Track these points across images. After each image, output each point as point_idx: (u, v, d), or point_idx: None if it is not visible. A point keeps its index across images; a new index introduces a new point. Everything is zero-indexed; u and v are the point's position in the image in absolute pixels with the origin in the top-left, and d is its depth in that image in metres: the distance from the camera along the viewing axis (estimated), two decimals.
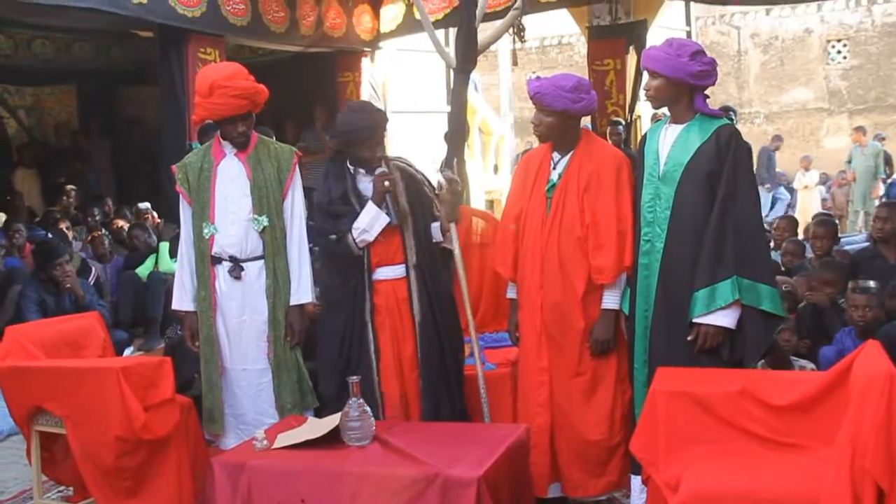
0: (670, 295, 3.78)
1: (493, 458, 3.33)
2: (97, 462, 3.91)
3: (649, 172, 3.89)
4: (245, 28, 8.40)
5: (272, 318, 4.42)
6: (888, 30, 18.95)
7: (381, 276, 4.21)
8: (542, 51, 21.12)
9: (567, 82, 4.01)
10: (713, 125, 3.76)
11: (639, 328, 3.92)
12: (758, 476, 2.94)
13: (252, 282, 4.42)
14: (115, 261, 7.92)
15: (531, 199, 4.14)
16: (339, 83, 10.60)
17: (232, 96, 4.25)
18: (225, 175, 4.43)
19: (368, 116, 4.18)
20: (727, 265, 3.64)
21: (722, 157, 3.69)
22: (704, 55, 3.75)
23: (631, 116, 9.44)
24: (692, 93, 3.78)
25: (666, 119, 3.93)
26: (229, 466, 3.53)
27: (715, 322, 3.66)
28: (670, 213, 3.78)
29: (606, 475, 4.05)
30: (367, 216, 4.12)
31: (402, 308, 4.20)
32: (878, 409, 2.62)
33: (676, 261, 3.76)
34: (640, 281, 3.90)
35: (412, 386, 4.20)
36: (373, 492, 3.28)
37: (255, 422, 4.37)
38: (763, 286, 3.67)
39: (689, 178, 3.73)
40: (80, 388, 3.95)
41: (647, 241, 3.87)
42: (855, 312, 4.72)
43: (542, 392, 4.11)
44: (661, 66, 3.74)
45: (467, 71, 7.41)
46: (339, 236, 4.14)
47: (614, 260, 3.95)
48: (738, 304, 3.64)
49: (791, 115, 20.05)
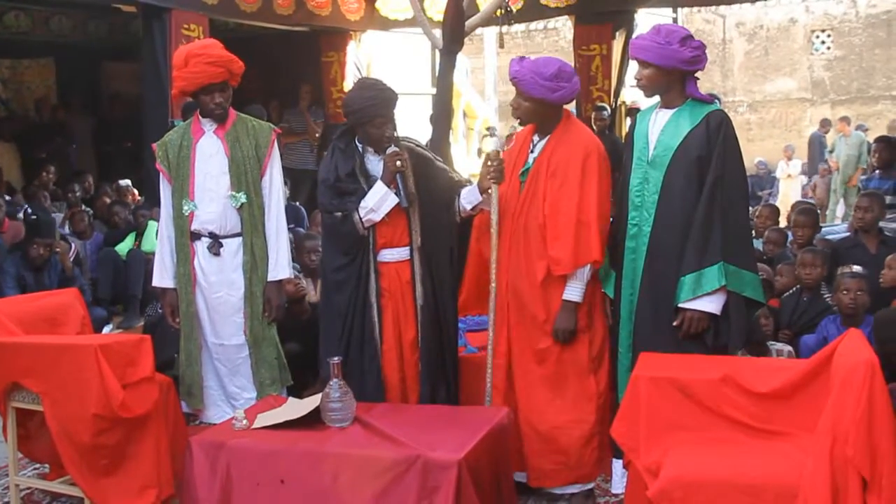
0: (656, 279, 3.77)
1: (473, 441, 3.32)
2: (74, 440, 3.87)
3: (638, 157, 3.87)
4: (216, 6, 8.35)
5: (248, 293, 4.48)
6: (872, 21, 19.04)
7: (386, 258, 4.14)
8: (527, 35, 21.06)
9: (547, 69, 3.88)
10: (704, 110, 3.75)
11: (624, 312, 3.91)
12: (738, 463, 2.95)
13: (230, 258, 4.48)
14: (94, 237, 7.85)
15: (510, 182, 4.07)
16: (324, 63, 10.55)
17: (206, 63, 4.31)
18: (204, 152, 4.46)
19: (379, 94, 4.07)
20: (714, 251, 3.64)
21: (711, 142, 3.69)
22: (693, 39, 3.73)
23: (616, 102, 9.42)
24: (684, 79, 3.77)
25: (657, 103, 3.90)
26: (208, 446, 3.51)
27: (701, 307, 3.66)
28: (658, 197, 3.77)
29: (577, 467, 3.95)
30: (377, 195, 4.03)
31: (406, 291, 4.14)
32: (859, 398, 2.63)
33: (663, 245, 3.75)
34: (627, 265, 3.89)
35: (412, 370, 4.15)
36: (353, 473, 3.27)
37: (236, 396, 4.44)
38: (747, 273, 3.68)
39: (678, 163, 3.72)
40: (58, 365, 3.91)
41: (634, 224, 3.85)
42: (846, 296, 4.74)
43: (496, 375, 4.06)
44: (652, 56, 3.71)
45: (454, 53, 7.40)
46: (345, 214, 4.06)
47: (571, 251, 3.84)
48: (723, 290, 3.65)
49: (774, 105, 20.14)
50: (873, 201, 5.86)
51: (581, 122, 4.31)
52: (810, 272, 5.22)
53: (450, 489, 3.14)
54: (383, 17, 10.32)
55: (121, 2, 7.73)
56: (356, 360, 4.11)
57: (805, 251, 5.44)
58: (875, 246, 5.70)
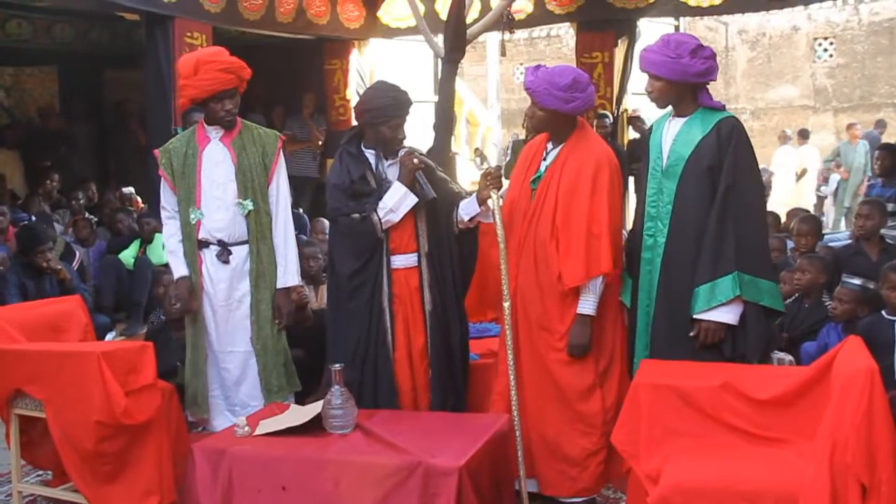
0: (672, 290, 3.75)
1: (474, 448, 3.34)
2: (77, 446, 3.88)
3: (653, 167, 3.85)
4: (218, 15, 8.38)
5: (256, 301, 4.46)
6: (874, 29, 19.03)
7: (396, 265, 4.14)
8: (530, 42, 21.08)
9: (562, 80, 3.85)
10: (715, 118, 3.72)
11: (641, 323, 3.89)
12: (738, 469, 2.95)
13: (238, 266, 4.46)
14: (97, 245, 7.86)
15: (521, 189, 4.08)
16: (327, 71, 10.57)
17: (218, 70, 4.31)
18: (210, 160, 4.45)
19: (396, 95, 4.12)
20: (728, 260, 3.60)
21: (722, 150, 3.65)
22: (703, 48, 3.70)
23: (618, 110, 9.42)
24: (695, 90, 3.75)
25: (669, 112, 3.88)
26: (210, 452, 3.52)
27: (716, 318, 3.63)
28: (672, 207, 3.75)
29: (581, 480, 3.94)
30: (396, 195, 4.03)
31: (414, 297, 4.15)
32: (859, 405, 2.64)
33: (678, 256, 3.73)
34: (643, 276, 3.86)
35: (422, 377, 4.15)
36: (354, 480, 3.28)
37: (243, 404, 4.41)
38: (763, 281, 3.65)
39: (691, 173, 3.69)
40: (61, 372, 3.92)
41: (650, 235, 3.83)
42: (839, 306, 4.76)
43: (501, 381, 4.06)
44: (663, 70, 3.70)
45: (456, 61, 7.42)
46: (364, 215, 4.04)
47: (582, 264, 3.83)
48: (739, 300, 3.61)
49: (777, 112, 20.13)
50: (874, 209, 5.86)
51: (595, 133, 4.29)
52: (800, 277, 5.24)
53: (450, 496, 3.15)
54: (385, 25, 10.36)
55: (124, 10, 7.74)
56: (370, 366, 4.11)
57: (803, 257, 5.45)
58: (876, 254, 5.69)
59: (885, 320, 4.46)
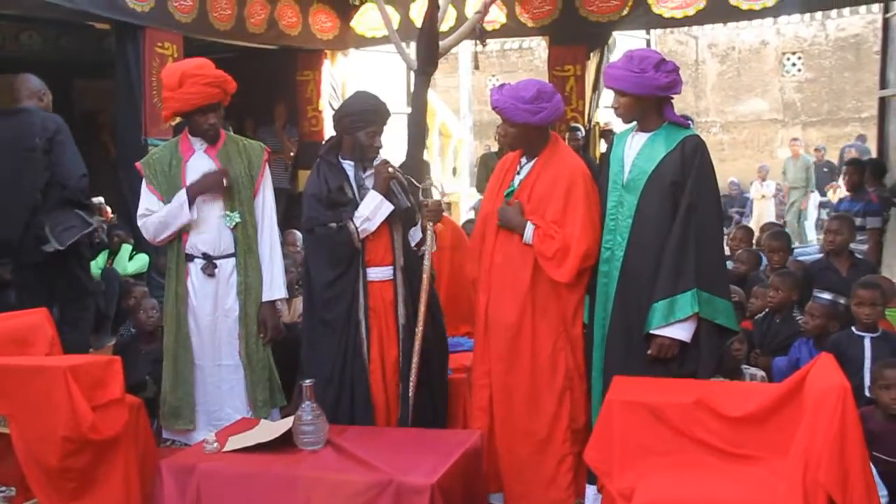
0: (627, 304, 3.77)
1: (446, 465, 3.31)
2: (42, 462, 3.81)
3: (613, 180, 3.88)
4: (189, 25, 8.32)
5: (243, 314, 4.41)
6: (841, 44, 19.31)
7: (372, 277, 4.14)
8: (502, 54, 21.17)
9: (527, 93, 3.91)
10: (680, 135, 3.76)
11: (597, 337, 3.91)
12: (711, 487, 2.94)
13: (224, 279, 4.40)
14: None
15: (494, 203, 4.11)
16: (299, 82, 10.54)
17: (204, 84, 4.26)
18: (195, 171, 4.37)
19: (375, 103, 4.18)
20: (688, 277, 3.63)
21: (686, 168, 3.69)
22: (666, 63, 3.74)
23: (590, 123, 9.46)
24: (660, 104, 3.78)
25: (633, 126, 3.91)
26: (178, 469, 3.47)
27: (672, 335, 3.66)
28: (632, 221, 3.77)
29: (552, 490, 3.94)
30: (371, 203, 4.06)
31: (388, 311, 4.15)
32: (831, 422, 2.64)
33: (636, 270, 3.75)
34: (600, 289, 3.89)
35: (393, 391, 4.14)
36: (325, 497, 3.24)
37: (229, 417, 4.31)
38: (720, 300, 3.69)
39: (654, 188, 3.73)
40: (26, 387, 3.84)
41: (607, 248, 3.85)
42: (810, 321, 4.78)
43: (482, 395, 4.08)
44: (627, 86, 3.73)
45: (428, 73, 7.41)
46: (341, 225, 4.06)
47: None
48: (695, 318, 3.64)
49: (746, 126, 20.35)
50: (843, 224, 5.89)
51: (568, 146, 4.33)
52: (774, 296, 5.26)
53: None
54: (359, 35, 10.36)
55: (94, 19, 7.66)
56: (347, 380, 4.09)
57: (776, 274, 5.48)
58: (846, 268, 5.73)
59: (854, 336, 4.48)
